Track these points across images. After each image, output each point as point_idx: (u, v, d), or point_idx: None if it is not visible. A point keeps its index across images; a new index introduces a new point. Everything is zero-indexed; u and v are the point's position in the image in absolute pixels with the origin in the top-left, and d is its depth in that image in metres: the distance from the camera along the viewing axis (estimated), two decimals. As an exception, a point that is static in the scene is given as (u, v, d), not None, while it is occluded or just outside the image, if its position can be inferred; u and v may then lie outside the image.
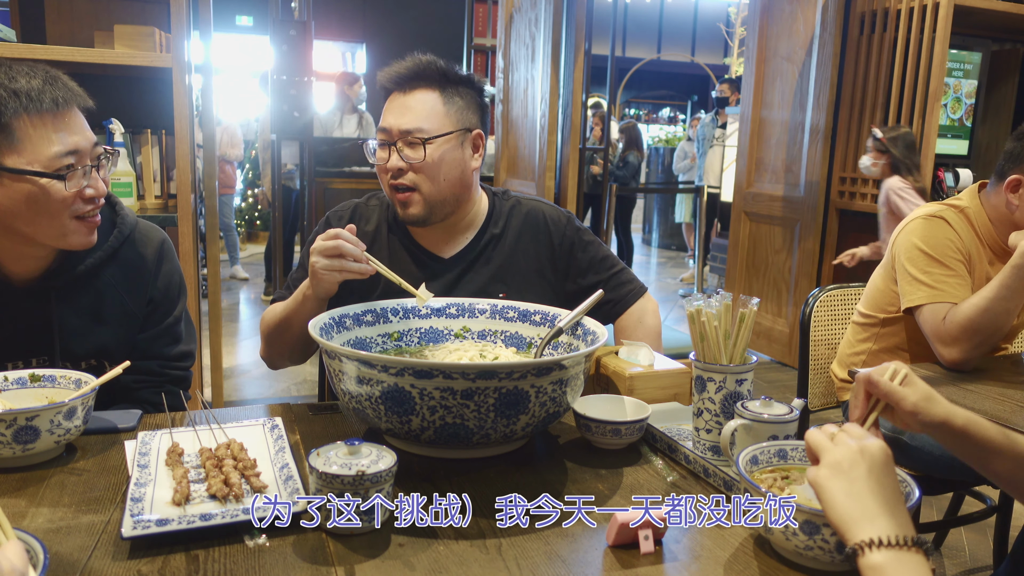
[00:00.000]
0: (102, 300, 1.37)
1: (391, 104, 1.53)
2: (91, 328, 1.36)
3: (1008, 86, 4.43)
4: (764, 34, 4.71)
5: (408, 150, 1.50)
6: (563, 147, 5.09)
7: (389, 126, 1.51)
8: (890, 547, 0.74)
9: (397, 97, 1.53)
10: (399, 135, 1.50)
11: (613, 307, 1.66)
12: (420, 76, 1.52)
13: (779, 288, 4.60)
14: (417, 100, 1.51)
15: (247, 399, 3.78)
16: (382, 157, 1.53)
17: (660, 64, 13.68)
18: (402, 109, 1.51)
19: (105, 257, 1.36)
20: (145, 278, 1.42)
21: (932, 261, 1.88)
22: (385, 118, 1.53)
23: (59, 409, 1.06)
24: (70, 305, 1.35)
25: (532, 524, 0.96)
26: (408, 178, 1.50)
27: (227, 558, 0.86)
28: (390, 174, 1.51)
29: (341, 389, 1.11)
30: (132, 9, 2.86)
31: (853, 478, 0.78)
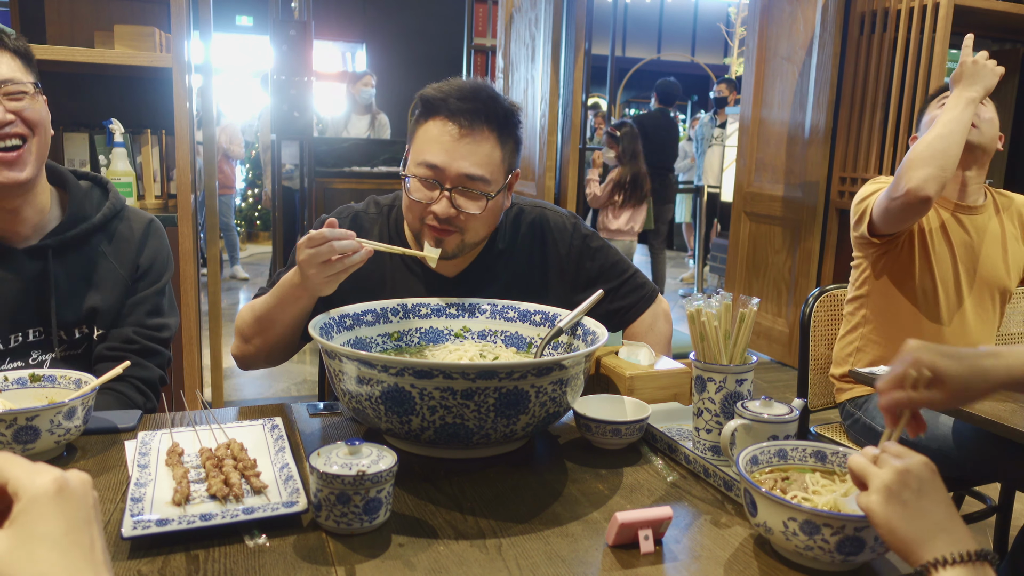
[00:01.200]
0: (93, 266, 1.45)
1: (444, 138, 1.35)
2: (83, 291, 1.43)
3: (1008, 86, 4.43)
4: (764, 34, 4.71)
5: (463, 199, 1.37)
6: (563, 147, 5.10)
7: (443, 165, 1.34)
8: (957, 564, 0.75)
9: (451, 132, 1.35)
10: (456, 179, 1.35)
11: (625, 314, 1.60)
12: (484, 115, 1.36)
13: (779, 288, 4.60)
14: (478, 143, 1.35)
15: (247, 399, 3.78)
16: (425, 196, 1.37)
17: (660, 64, 13.67)
18: (463, 151, 1.34)
19: (97, 226, 1.45)
20: (133, 248, 1.49)
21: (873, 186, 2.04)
22: (435, 153, 1.35)
23: (59, 409, 1.06)
24: (64, 268, 1.42)
25: (532, 524, 0.96)
26: (455, 224, 1.38)
27: (227, 558, 0.86)
28: (431, 216, 1.37)
29: (341, 389, 1.11)
30: (132, 9, 2.86)
31: (905, 500, 0.79)
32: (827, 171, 4.27)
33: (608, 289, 1.55)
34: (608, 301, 1.56)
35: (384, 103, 6.41)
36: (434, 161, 1.35)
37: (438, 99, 1.37)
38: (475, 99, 1.36)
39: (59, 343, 1.44)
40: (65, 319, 1.43)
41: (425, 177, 1.36)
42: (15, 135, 1.31)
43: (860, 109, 4.13)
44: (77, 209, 1.44)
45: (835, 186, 4.27)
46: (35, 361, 1.44)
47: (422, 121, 1.39)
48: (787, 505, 0.86)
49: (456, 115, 1.35)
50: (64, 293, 1.42)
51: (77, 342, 1.46)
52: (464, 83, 1.39)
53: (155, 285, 1.51)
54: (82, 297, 1.44)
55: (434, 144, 1.36)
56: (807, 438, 1.75)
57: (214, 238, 2.95)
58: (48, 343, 1.44)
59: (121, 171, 2.49)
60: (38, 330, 1.42)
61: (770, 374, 4.41)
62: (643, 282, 1.62)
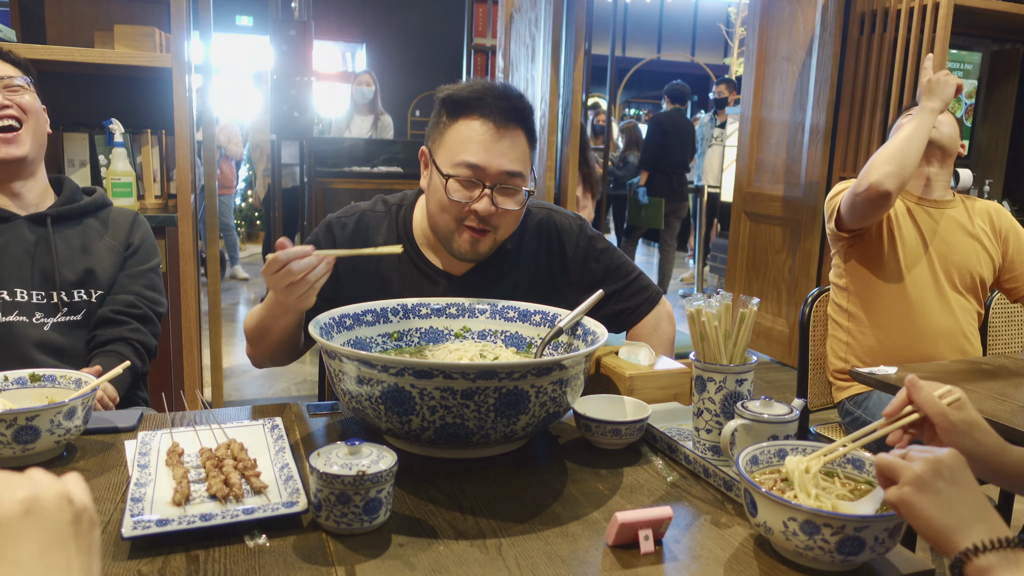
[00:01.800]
0: (88, 238, 1.65)
1: (482, 138, 1.36)
2: (80, 256, 1.62)
3: (1008, 86, 4.43)
4: (764, 34, 4.71)
5: (503, 196, 1.39)
6: (563, 147, 5.09)
7: (485, 165, 1.36)
8: (994, 549, 0.75)
9: (489, 131, 1.36)
10: (497, 177, 1.37)
11: (629, 315, 1.60)
12: (517, 115, 1.38)
13: (779, 288, 4.60)
14: (515, 140, 1.38)
15: (247, 399, 3.78)
16: (465, 196, 1.38)
17: (660, 64, 13.67)
18: (501, 149, 1.36)
19: (88, 207, 1.67)
20: (124, 230, 1.69)
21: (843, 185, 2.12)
22: (475, 153, 1.36)
23: (59, 409, 1.06)
24: (62, 238, 1.62)
25: (532, 524, 0.96)
26: (491, 222, 1.40)
27: (227, 558, 0.86)
28: (472, 216, 1.39)
29: (341, 389, 1.11)
30: (132, 9, 2.86)
31: (939, 490, 0.79)
32: (827, 171, 4.27)
33: (613, 291, 1.55)
34: (612, 302, 1.56)
35: (384, 103, 6.39)
36: (475, 161, 1.36)
37: (473, 99, 1.38)
38: (508, 98, 1.38)
39: (61, 305, 1.58)
40: (65, 279, 1.59)
41: (466, 177, 1.37)
42: (11, 117, 1.54)
43: (860, 109, 4.13)
44: (71, 194, 1.67)
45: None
46: (38, 322, 1.55)
47: (451, 121, 1.40)
48: (787, 505, 0.86)
49: (493, 114, 1.36)
50: (63, 257, 1.61)
51: (76, 305, 1.60)
52: (492, 83, 1.41)
53: (148, 263, 1.70)
54: (79, 262, 1.62)
55: (472, 144, 1.36)
56: (807, 438, 1.75)
57: (214, 238, 2.95)
58: (52, 307, 1.58)
59: (121, 171, 2.49)
60: (40, 293, 1.58)
61: (770, 374, 4.41)
62: (647, 284, 1.62)
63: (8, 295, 1.55)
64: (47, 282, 1.58)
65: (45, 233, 1.60)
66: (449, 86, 1.42)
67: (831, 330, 2.23)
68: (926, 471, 0.80)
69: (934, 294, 2.11)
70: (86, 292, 1.61)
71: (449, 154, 1.39)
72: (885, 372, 1.76)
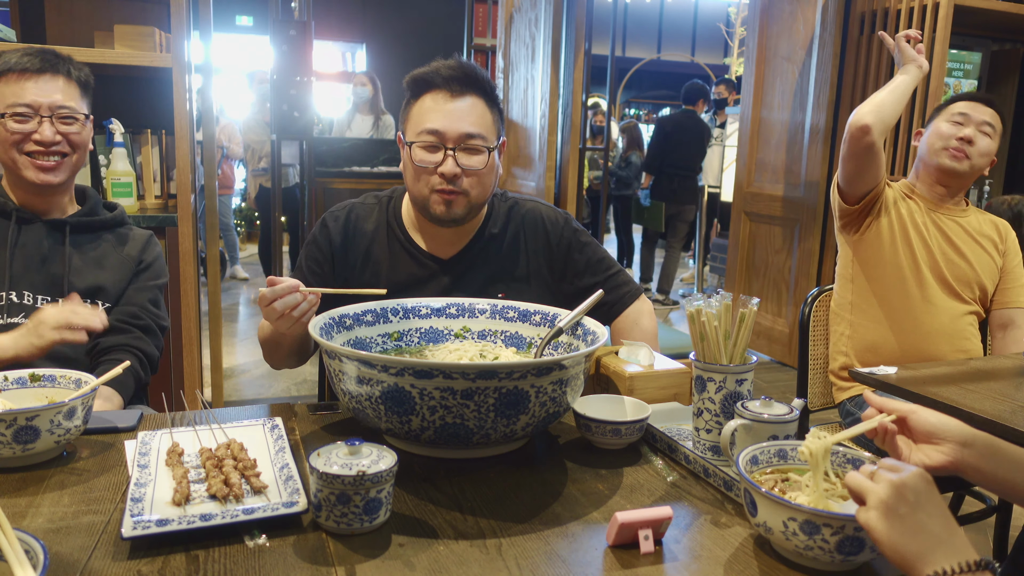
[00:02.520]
0: (103, 251, 1.66)
1: (439, 106, 1.46)
2: (92, 269, 1.63)
3: (1008, 86, 4.43)
4: (764, 34, 4.71)
5: (466, 156, 1.46)
6: (563, 147, 5.09)
7: (443, 129, 1.45)
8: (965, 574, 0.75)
9: (445, 99, 1.46)
10: (458, 139, 1.45)
11: (610, 308, 1.66)
12: (471, 82, 1.47)
13: (779, 288, 4.60)
14: (470, 106, 1.47)
15: (247, 399, 3.78)
16: (431, 160, 1.46)
17: (660, 64, 13.67)
18: (458, 113, 1.45)
19: (107, 222, 1.68)
20: (138, 247, 1.70)
21: None
22: (434, 119, 1.45)
23: (59, 409, 1.06)
24: (78, 248, 1.63)
25: (532, 524, 0.96)
26: (460, 183, 1.47)
27: (227, 558, 0.86)
28: (439, 178, 1.47)
29: (341, 389, 1.11)
30: (132, 9, 2.86)
31: (903, 515, 0.79)
32: (827, 171, 4.27)
33: (594, 283, 1.63)
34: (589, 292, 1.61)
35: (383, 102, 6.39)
36: (434, 126, 1.45)
37: (428, 74, 1.47)
38: (461, 68, 1.47)
39: None
40: (74, 287, 1.59)
41: (428, 143, 1.46)
42: (58, 153, 1.55)
43: (860, 109, 4.12)
44: (92, 208, 1.68)
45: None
46: None
47: (414, 100, 1.50)
48: (787, 505, 0.86)
49: (448, 82, 1.46)
50: (75, 267, 1.62)
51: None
52: (448, 59, 1.49)
53: (156, 280, 1.71)
54: (91, 274, 1.62)
55: (431, 112, 1.46)
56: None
57: (214, 238, 2.95)
58: None
59: (121, 171, 2.49)
60: (47, 298, 1.58)
61: (770, 374, 4.41)
62: (628, 280, 1.69)
63: (16, 296, 1.56)
64: (55, 288, 1.59)
65: (61, 240, 1.61)
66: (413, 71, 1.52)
67: (833, 324, 2.24)
68: (889, 496, 0.79)
69: (939, 293, 2.12)
70: (93, 303, 1.60)
71: (414, 126, 1.49)
72: (885, 372, 1.76)
